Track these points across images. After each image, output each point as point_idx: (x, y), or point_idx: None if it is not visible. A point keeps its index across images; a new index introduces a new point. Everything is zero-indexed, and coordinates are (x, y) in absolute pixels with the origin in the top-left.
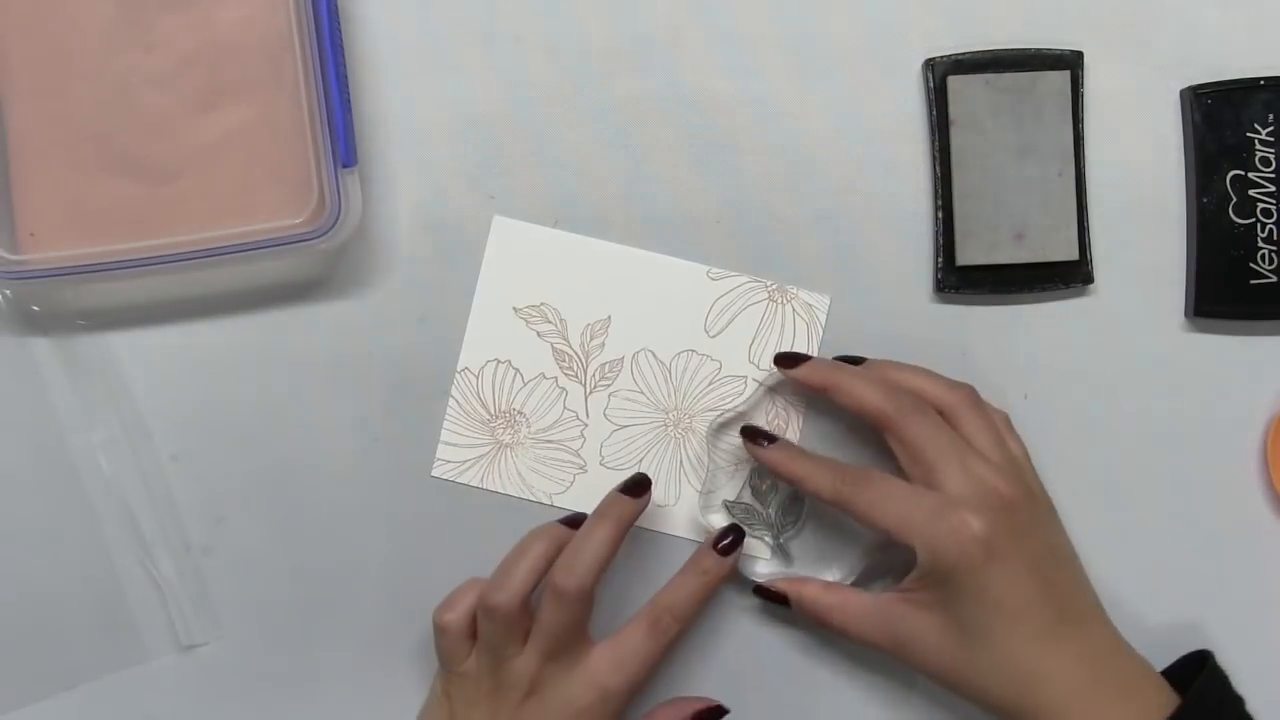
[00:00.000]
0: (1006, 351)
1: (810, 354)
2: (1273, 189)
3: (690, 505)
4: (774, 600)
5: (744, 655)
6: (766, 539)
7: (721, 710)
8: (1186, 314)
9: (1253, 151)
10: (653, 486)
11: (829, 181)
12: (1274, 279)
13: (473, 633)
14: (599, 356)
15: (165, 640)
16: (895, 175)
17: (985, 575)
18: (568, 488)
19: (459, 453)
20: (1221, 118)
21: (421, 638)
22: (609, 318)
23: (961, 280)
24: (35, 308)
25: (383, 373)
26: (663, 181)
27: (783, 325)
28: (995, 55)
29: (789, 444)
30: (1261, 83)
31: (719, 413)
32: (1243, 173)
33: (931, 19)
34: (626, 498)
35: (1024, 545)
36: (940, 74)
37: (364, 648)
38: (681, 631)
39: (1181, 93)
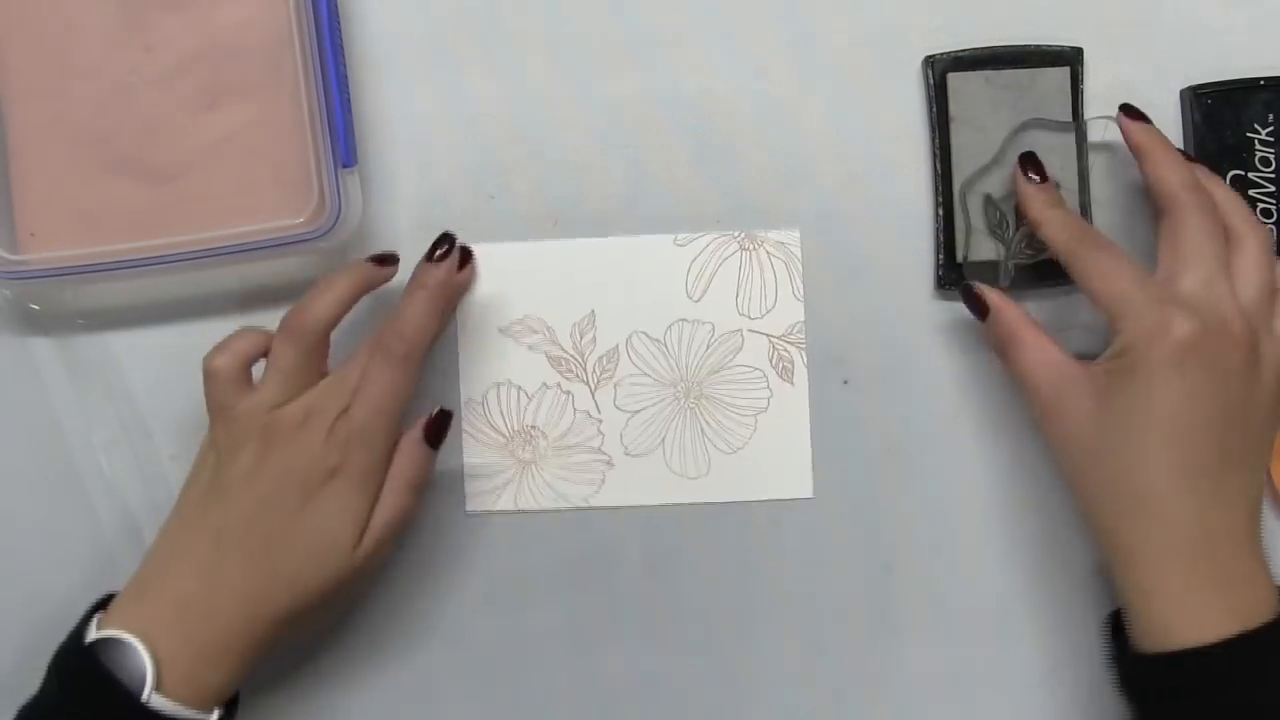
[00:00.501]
0: None
1: (1149, 118)
2: (1273, 189)
3: (722, 474)
4: (973, 306)
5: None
6: (1000, 252)
7: (446, 414)
8: None
9: (1253, 152)
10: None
11: (829, 181)
12: None
13: (246, 379)
14: (593, 352)
15: None
16: (895, 174)
17: (1162, 384)
18: (600, 486)
19: (485, 482)
20: (1221, 118)
21: (422, 638)
22: (592, 312)
23: (963, 277)
24: (35, 307)
25: None
26: (663, 181)
27: (761, 270)
28: (995, 52)
29: (1051, 188)
30: (1261, 83)
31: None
32: (1243, 173)
33: (931, 18)
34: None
35: (1222, 384)
36: (940, 71)
37: (364, 648)
38: (413, 353)
39: (1181, 93)
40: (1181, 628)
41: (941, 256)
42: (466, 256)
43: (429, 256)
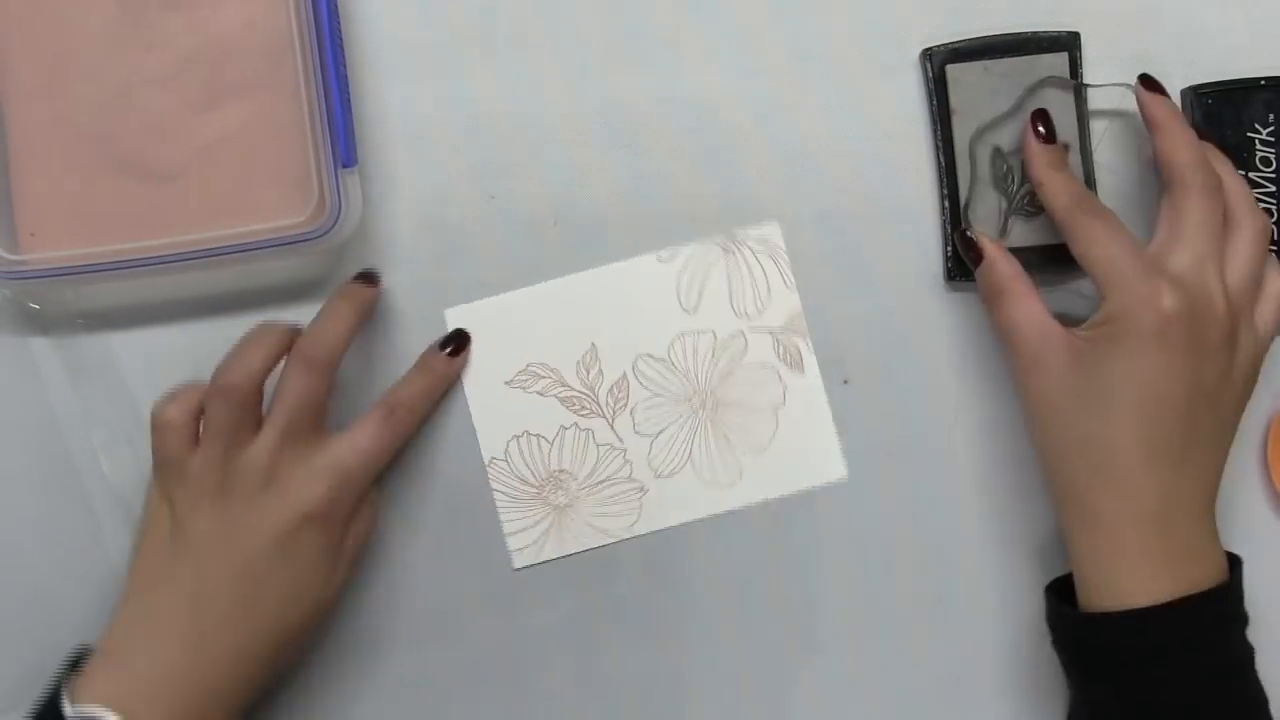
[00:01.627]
0: None
1: (1167, 91)
2: (1273, 189)
3: (755, 476)
4: (968, 253)
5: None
6: (1001, 204)
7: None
8: None
9: (1253, 151)
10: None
11: (832, 179)
12: None
13: (195, 432)
14: (602, 385)
15: None
16: (899, 168)
17: (1142, 354)
18: (639, 514)
19: (527, 536)
20: (1222, 118)
21: (422, 637)
22: (593, 345)
23: (970, 270)
24: (35, 307)
25: (383, 373)
26: (661, 181)
27: (749, 268)
28: (992, 41)
29: (1056, 149)
30: (1262, 83)
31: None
32: (1243, 173)
33: (930, 15)
34: (361, 284)
35: (1199, 363)
36: (939, 63)
37: (364, 647)
38: (413, 425)
39: (1182, 92)
40: (1131, 592)
41: (950, 249)
42: (464, 344)
43: (441, 347)
